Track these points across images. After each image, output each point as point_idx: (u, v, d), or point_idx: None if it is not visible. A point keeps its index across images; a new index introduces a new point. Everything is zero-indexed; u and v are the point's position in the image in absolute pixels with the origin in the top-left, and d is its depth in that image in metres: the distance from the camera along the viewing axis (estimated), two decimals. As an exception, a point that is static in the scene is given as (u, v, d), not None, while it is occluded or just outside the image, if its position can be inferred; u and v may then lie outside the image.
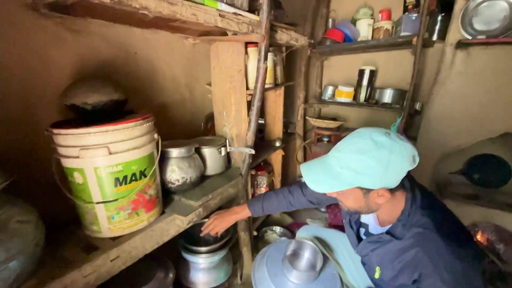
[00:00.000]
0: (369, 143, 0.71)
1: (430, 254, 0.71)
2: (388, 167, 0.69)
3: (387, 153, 0.69)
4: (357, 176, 0.72)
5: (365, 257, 0.92)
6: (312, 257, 1.12)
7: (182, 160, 1.07)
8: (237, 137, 1.34)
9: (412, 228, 0.76)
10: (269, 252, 1.13)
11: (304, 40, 1.45)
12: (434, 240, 0.72)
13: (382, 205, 0.79)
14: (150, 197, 0.92)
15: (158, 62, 1.21)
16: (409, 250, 0.75)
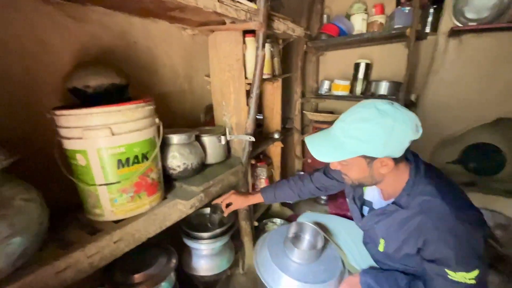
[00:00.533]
0: (372, 112, 0.72)
1: (434, 219, 0.73)
2: (391, 134, 0.70)
3: (391, 120, 0.70)
4: (361, 144, 0.72)
5: (369, 230, 0.93)
6: (312, 239, 1.14)
7: (183, 147, 1.08)
8: (237, 125, 1.35)
9: (417, 197, 0.77)
10: (270, 236, 1.14)
11: (300, 31, 1.47)
12: (438, 206, 0.73)
13: (386, 177, 0.80)
14: (153, 181, 0.92)
15: (157, 52, 1.22)
16: (414, 218, 0.77)
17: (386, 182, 0.83)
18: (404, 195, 0.79)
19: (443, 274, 0.72)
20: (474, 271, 0.69)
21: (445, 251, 0.71)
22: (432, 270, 0.75)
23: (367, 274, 0.91)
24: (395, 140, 0.71)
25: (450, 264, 0.71)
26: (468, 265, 0.70)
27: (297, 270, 0.99)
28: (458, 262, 0.70)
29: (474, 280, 0.69)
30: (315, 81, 2.58)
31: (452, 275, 0.71)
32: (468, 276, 0.69)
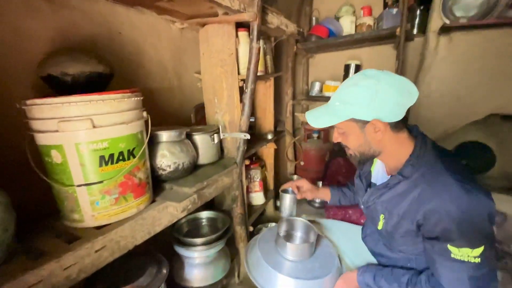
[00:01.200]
0: (359, 76, 0.76)
1: (436, 187, 0.70)
2: (376, 95, 0.71)
3: (374, 81, 0.72)
4: (350, 107, 0.75)
5: (370, 207, 0.90)
6: (305, 235, 1.10)
7: (173, 144, 0.99)
8: (230, 123, 1.28)
9: (421, 167, 0.75)
10: (260, 237, 1.07)
11: (293, 27, 1.44)
12: (441, 175, 0.71)
13: (386, 146, 0.79)
14: (140, 181, 0.83)
15: (144, 46, 1.14)
16: (415, 188, 0.74)
17: (387, 153, 0.81)
18: (408, 166, 0.77)
19: (445, 253, 0.68)
20: (479, 247, 0.64)
21: (447, 221, 0.67)
22: (433, 251, 0.71)
23: (365, 272, 0.86)
24: (380, 101, 0.72)
25: (452, 238, 0.67)
26: (472, 240, 0.65)
27: (292, 268, 0.93)
28: (461, 235, 0.66)
29: (479, 258, 0.65)
30: (305, 83, 2.56)
31: (455, 252, 0.66)
32: (472, 253, 0.65)
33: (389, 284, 0.79)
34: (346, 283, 0.89)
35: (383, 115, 0.73)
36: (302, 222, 1.10)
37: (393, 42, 2.12)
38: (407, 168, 0.77)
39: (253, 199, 1.65)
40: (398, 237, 0.82)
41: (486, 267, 0.66)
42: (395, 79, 0.73)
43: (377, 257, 1.00)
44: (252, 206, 1.64)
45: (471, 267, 0.66)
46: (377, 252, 0.99)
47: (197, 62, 1.37)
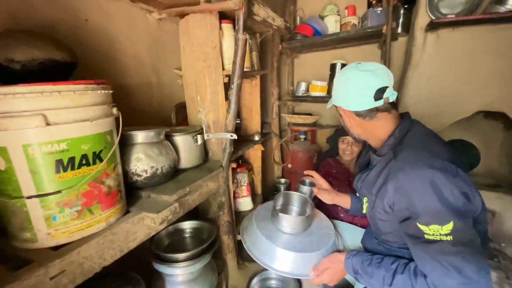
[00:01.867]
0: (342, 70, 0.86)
1: (402, 161, 0.71)
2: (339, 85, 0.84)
3: (341, 73, 0.85)
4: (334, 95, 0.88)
5: (359, 192, 0.94)
6: (301, 208, 1.12)
7: (151, 146, 0.87)
8: (215, 123, 1.17)
9: (397, 146, 0.77)
10: (256, 212, 1.07)
11: (280, 21, 1.36)
12: (411, 151, 0.72)
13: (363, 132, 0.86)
14: (109, 190, 0.70)
15: (117, 36, 1.01)
16: (387, 165, 0.76)
17: (367, 137, 0.88)
18: (385, 145, 0.81)
19: (418, 234, 0.67)
20: (447, 223, 0.62)
21: (411, 195, 0.67)
22: (409, 236, 0.70)
23: (354, 256, 0.84)
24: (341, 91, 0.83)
25: (418, 213, 0.66)
26: (439, 215, 0.63)
27: (290, 241, 0.93)
28: (426, 209, 0.65)
29: (450, 236, 0.62)
30: (291, 83, 2.50)
31: (426, 231, 0.65)
32: (442, 231, 0.63)
33: (377, 269, 0.76)
34: (331, 263, 0.87)
35: (345, 104, 0.83)
36: (299, 195, 1.12)
37: (378, 42, 2.11)
38: (383, 148, 0.81)
39: (241, 205, 1.54)
40: (378, 221, 0.83)
41: (463, 245, 0.62)
42: (356, 72, 0.79)
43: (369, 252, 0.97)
44: (239, 212, 1.53)
45: (445, 247, 0.63)
46: (369, 248, 0.98)
47: (178, 58, 1.26)
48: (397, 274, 0.72)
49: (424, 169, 0.66)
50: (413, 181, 0.67)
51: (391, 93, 0.77)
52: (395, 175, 0.71)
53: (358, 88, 0.78)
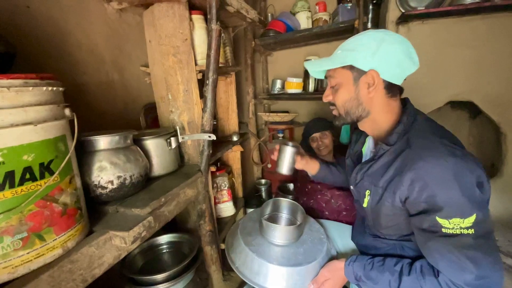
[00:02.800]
0: (367, 31, 0.74)
1: (419, 150, 0.65)
2: (380, 45, 0.68)
3: (382, 34, 0.70)
4: (351, 54, 0.71)
5: (358, 185, 0.84)
6: (291, 215, 1.04)
7: (116, 153, 0.75)
8: (190, 124, 1.06)
9: (406, 135, 0.70)
10: (241, 226, 0.95)
11: (254, 14, 1.29)
12: (426, 138, 0.66)
13: (375, 109, 0.74)
14: (65, 208, 0.57)
15: (69, 27, 0.87)
16: (400, 155, 0.69)
17: (373, 116, 0.76)
18: (394, 134, 0.72)
19: (435, 228, 0.61)
20: (470, 216, 0.58)
21: (432, 187, 0.61)
22: (423, 230, 0.64)
23: (354, 262, 0.77)
24: (383, 52, 0.68)
25: (439, 207, 0.60)
26: (461, 208, 0.59)
27: (283, 255, 0.84)
28: (448, 202, 0.59)
29: (472, 229, 0.58)
30: (266, 81, 2.45)
31: (446, 225, 0.60)
32: (464, 224, 0.58)
33: (380, 274, 0.70)
34: (331, 272, 0.81)
35: (382, 69, 0.69)
36: (288, 202, 1.03)
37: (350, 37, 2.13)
38: (392, 136, 0.72)
39: (222, 211, 1.44)
40: (383, 216, 0.75)
41: (482, 238, 0.58)
42: (402, 40, 0.70)
43: (363, 249, 0.94)
44: (221, 219, 1.43)
45: (466, 241, 0.58)
46: (364, 245, 0.92)
47: (144, 53, 1.13)
48: (403, 276, 0.67)
49: (446, 158, 0.60)
50: (435, 171, 0.60)
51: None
52: (414, 165, 0.63)
53: (401, 56, 0.68)
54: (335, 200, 1.34)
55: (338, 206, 1.32)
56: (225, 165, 1.68)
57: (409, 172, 0.64)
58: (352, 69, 0.72)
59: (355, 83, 0.73)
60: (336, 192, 1.35)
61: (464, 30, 1.43)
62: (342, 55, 0.73)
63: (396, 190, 0.68)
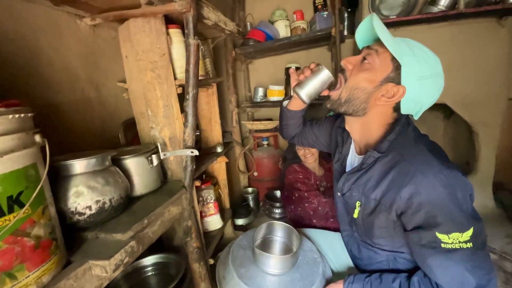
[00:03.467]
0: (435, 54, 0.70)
1: (417, 164, 0.63)
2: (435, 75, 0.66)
3: (441, 67, 0.68)
4: (410, 58, 0.64)
5: (346, 194, 0.82)
6: (287, 239, 0.98)
7: (94, 176, 0.71)
8: (172, 139, 1.04)
9: (398, 146, 0.69)
10: (232, 256, 0.90)
11: (233, 26, 1.29)
12: (422, 153, 0.65)
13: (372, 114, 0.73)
14: (38, 241, 0.54)
15: (39, 46, 0.83)
16: (394, 168, 0.67)
17: (367, 119, 0.75)
18: (385, 141, 0.70)
19: (435, 244, 0.61)
20: (468, 230, 0.59)
21: (433, 202, 0.60)
22: (422, 246, 0.63)
23: (352, 284, 0.75)
24: (428, 83, 0.66)
25: (438, 222, 0.60)
26: (459, 222, 0.59)
27: (280, 285, 0.80)
28: (448, 216, 0.59)
29: (470, 243, 0.58)
30: (248, 89, 2.46)
31: (446, 240, 0.60)
32: (462, 238, 0.59)
33: None
34: None
35: (412, 95, 0.66)
36: (282, 225, 0.97)
37: (327, 44, 2.19)
38: (383, 144, 0.70)
39: (209, 224, 1.41)
40: (376, 227, 0.74)
41: (480, 249, 0.59)
42: (442, 84, 0.70)
43: (357, 261, 0.91)
44: (208, 232, 1.41)
45: (465, 255, 0.59)
46: (357, 255, 0.90)
47: (121, 68, 1.10)
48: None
49: (444, 172, 0.60)
50: (436, 186, 0.60)
51: None
52: (413, 179, 0.62)
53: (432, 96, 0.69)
54: (322, 208, 1.35)
55: (325, 213, 1.33)
56: (210, 176, 1.66)
57: (408, 186, 0.62)
58: (396, 70, 0.66)
59: (383, 81, 0.68)
60: (323, 199, 1.37)
61: (433, 36, 1.51)
62: (405, 50, 0.65)
63: (393, 203, 0.66)
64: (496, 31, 1.47)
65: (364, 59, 0.72)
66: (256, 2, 2.38)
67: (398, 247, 0.76)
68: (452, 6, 1.41)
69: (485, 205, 1.74)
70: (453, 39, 1.51)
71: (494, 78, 1.53)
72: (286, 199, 1.60)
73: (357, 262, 0.93)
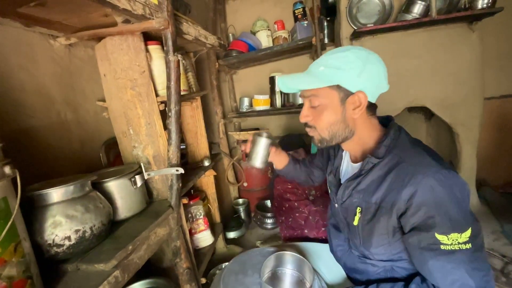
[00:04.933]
0: (348, 46, 0.72)
1: (416, 164, 0.64)
2: (366, 64, 0.67)
3: (366, 52, 0.69)
4: (338, 72, 0.67)
5: (346, 202, 0.80)
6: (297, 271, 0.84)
7: (73, 204, 0.68)
8: (155, 158, 1.01)
9: (395, 149, 0.69)
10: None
11: (214, 39, 1.29)
12: (419, 154, 0.66)
13: (359, 129, 0.74)
14: (11, 282, 0.50)
15: (9, 68, 0.79)
16: (393, 170, 0.68)
17: (357, 136, 0.75)
18: (381, 146, 0.71)
19: (434, 246, 0.60)
20: (466, 230, 0.59)
21: (432, 202, 0.60)
22: (421, 248, 0.62)
23: None
24: (369, 74, 0.67)
25: (439, 222, 0.60)
26: (458, 222, 0.59)
27: None
28: (448, 217, 0.59)
29: (469, 244, 0.58)
30: (233, 99, 2.46)
31: (445, 241, 0.59)
32: (461, 239, 0.58)
33: None
34: None
35: (369, 90, 0.68)
36: (292, 256, 0.84)
37: (309, 52, 2.22)
38: (380, 149, 0.71)
39: (200, 241, 1.37)
40: (376, 234, 0.73)
41: (478, 251, 0.59)
42: (380, 60, 0.71)
43: (352, 273, 0.89)
44: (199, 250, 1.37)
45: (465, 256, 0.58)
46: (352, 268, 0.87)
47: (99, 87, 1.07)
48: None
49: (443, 173, 0.61)
50: (436, 185, 0.60)
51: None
52: (413, 179, 0.62)
53: (382, 76, 0.70)
54: (312, 217, 1.34)
55: (316, 222, 1.33)
56: (199, 191, 1.63)
57: (408, 187, 0.63)
58: (339, 89, 0.68)
59: (342, 104, 0.70)
60: (313, 208, 1.36)
61: (410, 42, 1.56)
62: (328, 72, 0.68)
63: (394, 205, 0.66)
64: (467, 36, 1.54)
65: (313, 107, 0.75)
66: (237, 13, 2.40)
67: (395, 254, 0.74)
68: (425, 14, 1.47)
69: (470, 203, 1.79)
70: (429, 44, 1.57)
71: (469, 79, 1.59)
72: (276, 210, 1.58)
73: (352, 275, 0.90)
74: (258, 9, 2.36)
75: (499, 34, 1.81)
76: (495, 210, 1.77)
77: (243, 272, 0.85)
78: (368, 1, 1.56)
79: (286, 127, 2.49)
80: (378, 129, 0.76)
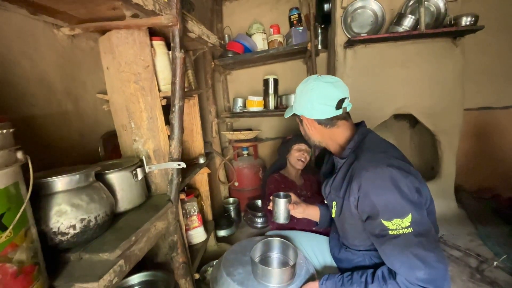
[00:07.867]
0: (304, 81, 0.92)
1: (363, 161, 0.76)
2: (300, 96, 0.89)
3: (302, 85, 0.90)
4: (294, 104, 0.95)
5: (328, 197, 0.94)
6: (283, 254, 1.04)
7: (78, 193, 0.68)
8: (156, 152, 1.02)
9: (358, 149, 0.82)
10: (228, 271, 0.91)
11: (215, 39, 1.32)
12: (369, 152, 0.78)
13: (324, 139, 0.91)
14: (21, 267, 0.50)
15: (12, 56, 0.78)
16: (351, 166, 0.80)
17: (328, 143, 0.92)
18: (346, 149, 0.85)
19: (384, 232, 0.70)
20: (407, 216, 0.68)
21: (372, 192, 0.71)
22: (374, 235, 0.73)
23: (326, 281, 0.83)
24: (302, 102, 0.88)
25: (381, 210, 0.70)
26: (398, 209, 0.69)
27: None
28: (387, 204, 0.69)
29: (411, 228, 0.67)
30: (227, 100, 2.48)
31: (390, 226, 0.69)
32: (403, 224, 0.68)
33: (350, 287, 0.77)
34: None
35: (307, 113, 0.88)
36: (279, 241, 1.03)
37: (303, 57, 2.29)
38: (345, 151, 0.85)
39: (193, 238, 1.38)
40: (347, 224, 0.86)
41: (423, 236, 0.67)
42: (317, 86, 0.85)
43: (339, 263, 1.00)
44: (192, 246, 1.37)
45: (408, 239, 0.67)
46: (339, 258, 0.98)
47: (100, 80, 1.07)
48: (368, 285, 0.73)
49: (384, 168, 0.71)
50: (375, 178, 0.71)
51: (348, 103, 0.86)
52: (359, 174, 0.74)
53: (322, 98, 0.83)
54: (304, 215, 1.38)
55: (308, 221, 1.37)
56: (192, 188, 1.63)
57: (355, 180, 0.75)
58: (296, 115, 0.95)
59: (302, 125, 0.94)
60: (305, 206, 1.40)
61: (399, 52, 1.65)
62: (294, 105, 0.95)
63: (350, 197, 0.78)
64: (451, 50, 1.65)
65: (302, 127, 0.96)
66: (234, 15, 2.43)
67: (370, 245, 0.84)
68: (414, 27, 1.56)
69: (448, 207, 1.90)
70: (416, 55, 1.67)
71: (452, 90, 1.70)
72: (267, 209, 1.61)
73: (338, 264, 1.00)
74: (254, 13, 2.40)
75: (478, 52, 1.95)
76: (471, 213, 1.89)
77: (242, 252, 1.01)
78: (362, 12, 1.64)
79: (280, 128, 2.53)
80: (346, 135, 0.88)
